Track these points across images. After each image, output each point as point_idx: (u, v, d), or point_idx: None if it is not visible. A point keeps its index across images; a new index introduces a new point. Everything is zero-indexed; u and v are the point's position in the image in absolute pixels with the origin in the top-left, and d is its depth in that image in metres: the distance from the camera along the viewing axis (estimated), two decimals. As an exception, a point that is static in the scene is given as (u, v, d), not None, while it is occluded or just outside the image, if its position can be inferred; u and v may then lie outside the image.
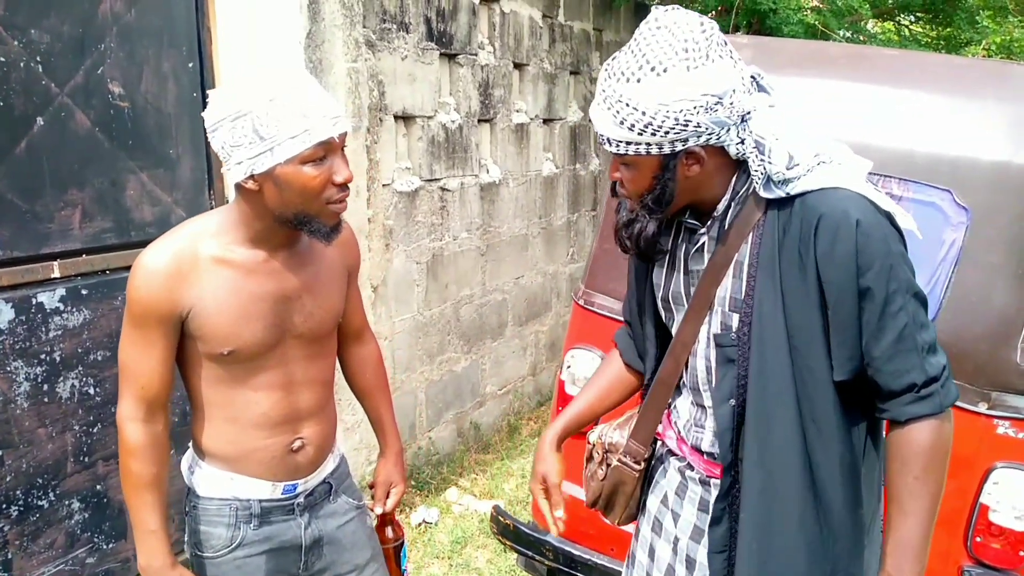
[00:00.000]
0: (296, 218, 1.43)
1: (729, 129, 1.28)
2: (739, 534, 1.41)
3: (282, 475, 1.60)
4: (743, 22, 6.41)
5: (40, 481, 2.50)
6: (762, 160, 1.29)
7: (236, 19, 2.87)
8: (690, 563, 1.55)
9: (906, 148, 2.11)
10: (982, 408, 2.03)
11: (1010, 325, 2.01)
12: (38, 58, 2.35)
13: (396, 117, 3.44)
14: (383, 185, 3.37)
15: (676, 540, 1.58)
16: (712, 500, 1.50)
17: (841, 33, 6.47)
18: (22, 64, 2.31)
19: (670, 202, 1.35)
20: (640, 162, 1.31)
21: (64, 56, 2.42)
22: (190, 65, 2.80)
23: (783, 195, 1.31)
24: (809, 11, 5.33)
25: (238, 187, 1.43)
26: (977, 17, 5.54)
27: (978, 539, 2.03)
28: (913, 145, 2.10)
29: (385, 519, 1.87)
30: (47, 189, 2.42)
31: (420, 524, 3.45)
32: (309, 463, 1.64)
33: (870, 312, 1.28)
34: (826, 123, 2.20)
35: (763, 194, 1.32)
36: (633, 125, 1.25)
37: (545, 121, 4.70)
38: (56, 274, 2.47)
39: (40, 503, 2.51)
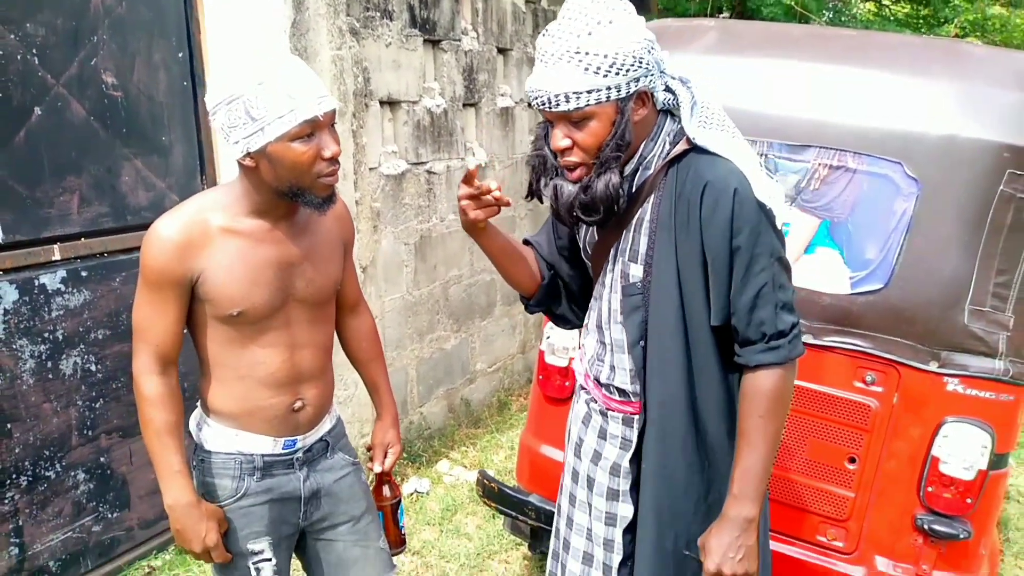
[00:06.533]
0: (291, 191, 1.54)
1: (658, 74, 1.48)
2: (643, 454, 1.64)
3: (283, 432, 1.72)
4: (727, 4, 6.50)
5: (47, 453, 2.63)
6: (689, 90, 1.51)
7: (224, 10, 2.97)
8: (590, 483, 1.75)
9: (861, 123, 2.22)
10: (933, 367, 2.15)
11: (958, 289, 2.12)
12: (34, 51, 2.45)
13: (381, 102, 3.55)
14: (370, 168, 3.48)
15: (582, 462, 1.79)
16: (609, 429, 1.71)
17: (824, 15, 6.56)
18: (19, 57, 2.41)
19: (629, 145, 1.48)
20: (599, 112, 1.43)
21: (59, 48, 2.53)
22: (180, 55, 2.91)
23: (695, 137, 1.50)
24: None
25: (239, 164, 1.55)
26: (951, -4, 5.65)
27: (930, 489, 2.17)
28: (867, 120, 2.22)
29: (383, 478, 2.00)
30: (46, 176, 2.54)
31: (412, 494, 3.59)
32: (308, 422, 1.76)
33: (738, 269, 1.48)
34: (785, 100, 2.32)
35: (687, 125, 1.50)
36: (599, 68, 1.39)
37: (530, 105, 4.80)
38: (57, 257, 2.59)
39: (47, 474, 2.64)
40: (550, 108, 1.44)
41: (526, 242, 1.86)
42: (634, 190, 1.57)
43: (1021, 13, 6.17)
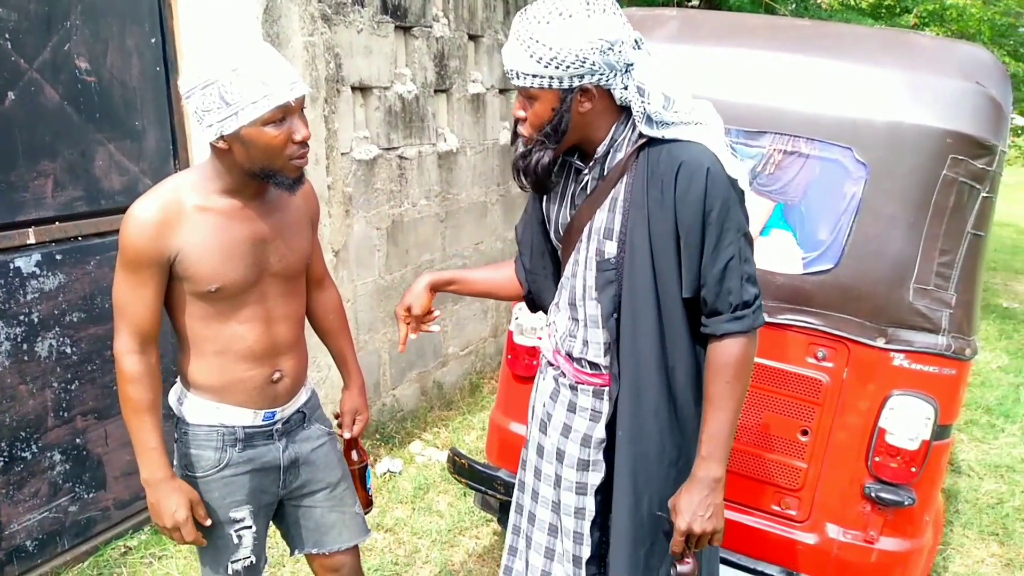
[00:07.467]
0: (263, 172, 1.62)
1: (616, 74, 1.54)
2: (617, 422, 1.71)
3: (263, 404, 1.80)
4: (695, -7, 6.59)
5: (23, 434, 2.67)
6: (643, 102, 1.56)
7: (196, -4, 3.00)
8: (560, 455, 1.83)
9: (813, 110, 2.32)
10: (880, 343, 2.27)
11: (904, 268, 2.24)
12: (7, 35, 2.48)
13: (353, 88, 3.59)
14: (342, 153, 3.53)
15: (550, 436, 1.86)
16: (579, 402, 1.79)
17: (790, 3, 6.68)
18: (-8, 41, 2.44)
19: (564, 133, 1.58)
20: (542, 95, 1.55)
21: (32, 33, 2.55)
22: (152, 41, 2.94)
23: (659, 136, 1.57)
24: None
25: (211, 146, 1.61)
26: (912, -14, 5.78)
27: (877, 459, 2.28)
28: (819, 107, 2.32)
29: (351, 444, 2.09)
30: (21, 160, 2.56)
31: (385, 473, 3.66)
32: (286, 393, 1.84)
33: (709, 242, 1.57)
34: (742, 88, 2.42)
35: (644, 130, 1.58)
36: (541, 58, 1.50)
37: (501, 91, 4.86)
38: (32, 240, 2.62)
39: (24, 455, 2.68)
40: (511, 79, 1.57)
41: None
42: (606, 172, 1.65)
43: (976, 3, 6.35)
